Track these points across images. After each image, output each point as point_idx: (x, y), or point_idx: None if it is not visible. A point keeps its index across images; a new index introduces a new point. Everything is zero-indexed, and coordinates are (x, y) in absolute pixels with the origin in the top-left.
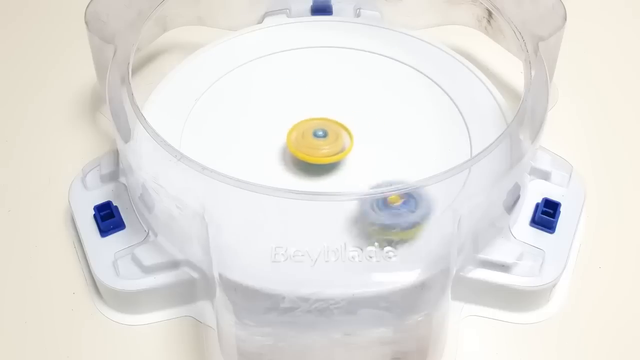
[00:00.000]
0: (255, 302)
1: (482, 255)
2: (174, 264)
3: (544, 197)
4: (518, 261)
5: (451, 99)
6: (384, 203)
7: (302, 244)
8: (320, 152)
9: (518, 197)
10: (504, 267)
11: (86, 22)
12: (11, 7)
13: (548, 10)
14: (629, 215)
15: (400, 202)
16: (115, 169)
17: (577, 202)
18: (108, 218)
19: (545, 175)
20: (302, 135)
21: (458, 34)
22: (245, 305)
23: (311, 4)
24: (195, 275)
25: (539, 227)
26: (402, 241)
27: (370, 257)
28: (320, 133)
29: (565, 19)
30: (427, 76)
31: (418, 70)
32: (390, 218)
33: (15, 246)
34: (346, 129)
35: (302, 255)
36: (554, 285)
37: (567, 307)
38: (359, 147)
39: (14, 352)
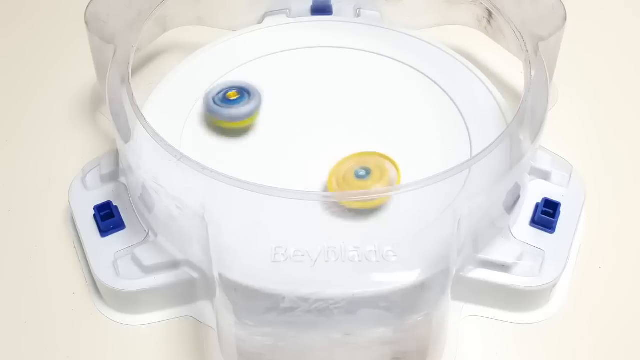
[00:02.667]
0: (255, 302)
1: (482, 255)
2: (174, 264)
3: (544, 197)
4: (518, 261)
5: (451, 99)
6: (224, 97)
7: (302, 244)
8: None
9: (518, 197)
10: (504, 267)
11: (86, 22)
12: (11, 7)
13: (548, 10)
14: (629, 215)
15: (237, 96)
16: (115, 169)
17: (577, 202)
18: (108, 218)
19: (545, 175)
20: (344, 179)
21: (458, 34)
22: (245, 305)
23: (311, 4)
24: (195, 275)
25: (539, 227)
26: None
27: (370, 257)
28: (362, 173)
29: (565, 19)
30: (427, 76)
31: (418, 70)
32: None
33: (15, 246)
34: (389, 159)
35: (302, 255)
36: (554, 285)
37: (567, 307)
38: (359, 148)
39: (14, 352)
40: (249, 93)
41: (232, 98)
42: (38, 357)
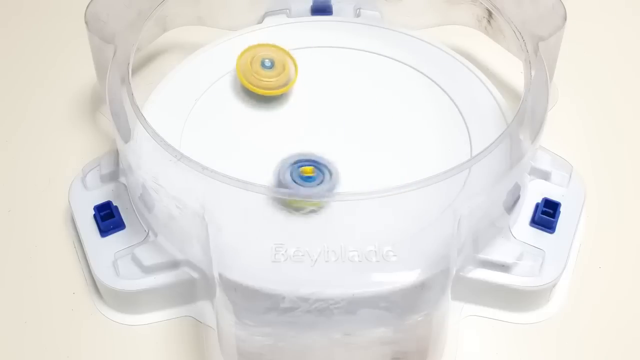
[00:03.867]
0: (255, 302)
1: (482, 255)
2: (174, 264)
3: (544, 197)
4: (518, 261)
5: (451, 99)
6: (299, 173)
7: (302, 244)
8: (265, 84)
9: (518, 197)
10: (504, 267)
11: (86, 22)
12: (11, 6)
13: (548, 10)
14: (629, 215)
15: (313, 173)
16: (115, 169)
17: (577, 202)
18: (108, 218)
19: (545, 175)
20: (251, 63)
21: (458, 34)
22: (245, 305)
23: (311, 4)
24: (195, 275)
25: (539, 227)
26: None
27: (370, 257)
28: (268, 64)
29: (565, 19)
30: (427, 76)
31: (418, 70)
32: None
33: (15, 246)
34: (292, 58)
35: (302, 255)
36: (554, 285)
37: (567, 307)
38: (359, 148)
39: (14, 352)
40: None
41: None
42: (38, 357)
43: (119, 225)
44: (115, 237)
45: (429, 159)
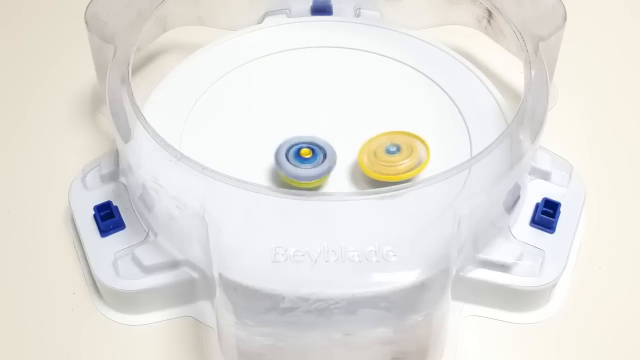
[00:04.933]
0: (255, 302)
1: (482, 255)
2: (174, 264)
3: (544, 197)
4: (518, 261)
5: (451, 99)
6: (296, 154)
7: (302, 244)
8: (398, 169)
9: (518, 197)
10: (504, 267)
11: (86, 22)
12: (11, 6)
13: (548, 10)
14: (629, 215)
15: (310, 154)
16: (115, 169)
17: (577, 202)
18: (108, 218)
19: (545, 175)
20: (375, 155)
21: (458, 34)
22: (245, 305)
23: (311, 4)
24: (195, 275)
25: (539, 227)
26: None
27: (370, 257)
28: (393, 149)
29: (565, 19)
30: (427, 76)
31: (418, 70)
32: (301, 171)
33: (15, 246)
34: (419, 139)
35: (302, 255)
36: (554, 285)
37: (567, 307)
38: (359, 148)
39: (14, 352)
40: (323, 152)
41: (306, 156)
42: (38, 357)
43: (119, 225)
44: (115, 237)
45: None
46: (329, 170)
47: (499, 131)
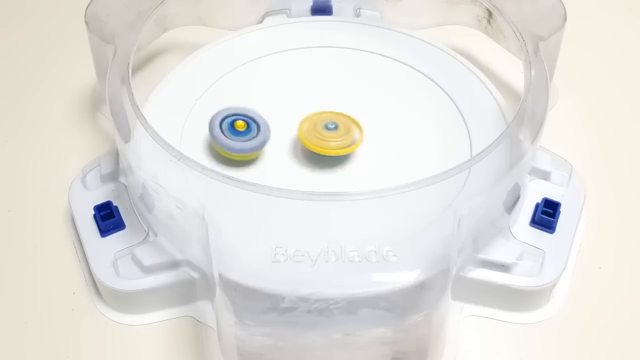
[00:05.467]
0: (255, 302)
1: (482, 255)
2: (174, 264)
3: (544, 197)
4: (518, 261)
5: (451, 99)
6: (231, 127)
7: (302, 244)
8: (330, 145)
9: (518, 197)
10: (504, 267)
11: (86, 22)
12: (11, 6)
13: (548, 10)
14: (629, 215)
15: (245, 127)
16: (115, 169)
17: (577, 202)
18: (108, 218)
19: (545, 175)
20: (314, 127)
21: (458, 34)
22: (245, 305)
23: (311, 4)
24: (195, 275)
25: (539, 227)
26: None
27: (370, 257)
28: (332, 126)
29: (565, 19)
30: (427, 76)
31: (418, 70)
32: (235, 143)
33: (15, 246)
34: (357, 123)
35: (302, 255)
36: (554, 285)
37: (567, 307)
38: (359, 147)
39: (14, 352)
40: (257, 125)
41: (240, 129)
42: (38, 357)
43: (119, 225)
44: (115, 237)
45: (429, 159)
46: (263, 144)
47: (499, 131)
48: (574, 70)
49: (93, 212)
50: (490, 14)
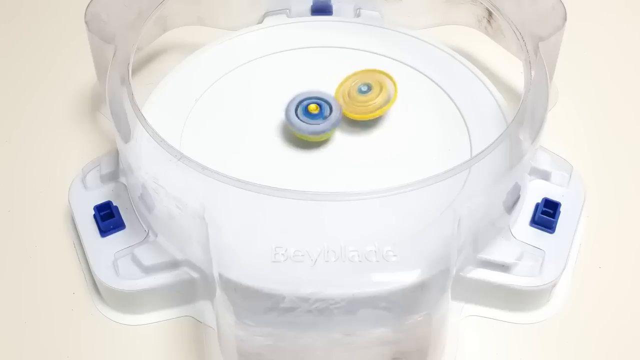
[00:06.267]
0: (255, 302)
1: (482, 255)
2: (174, 264)
3: (544, 197)
4: (518, 261)
5: (451, 99)
6: (305, 110)
7: (302, 244)
8: (371, 107)
9: (518, 197)
10: (504, 267)
11: (86, 22)
12: (11, 6)
13: (548, 10)
14: (629, 215)
15: (318, 110)
16: (115, 169)
17: (577, 202)
18: (108, 218)
19: (545, 175)
20: (349, 95)
21: (458, 34)
22: (245, 305)
23: (311, 4)
24: (195, 275)
25: (539, 227)
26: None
27: (370, 257)
28: (365, 88)
29: (565, 19)
30: (427, 76)
31: (418, 70)
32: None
33: (15, 246)
34: (387, 75)
35: (302, 255)
36: (554, 285)
37: (567, 307)
38: (359, 147)
39: (13, 352)
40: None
41: (313, 112)
42: (38, 357)
43: (119, 225)
44: (115, 237)
45: (429, 159)
46: (336, 123)
47: (499, 131)
48: (574, 70)
49: (93, 212)
50: (490, 14)
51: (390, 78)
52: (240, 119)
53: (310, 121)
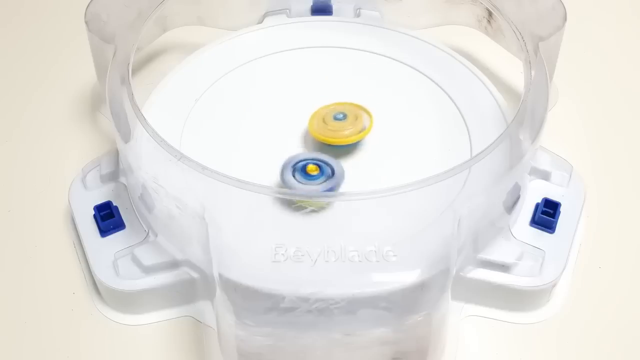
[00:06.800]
0: (255, 302)
1: (482, 255)
2: (174, 264)
3: (544, 197)
4: (518, 261)
5: (451, 99)
6: (303, 170)
7: (302, 244)
8: (343, 134)
9: (518, 197)
10: (504, 267)
11: (86, 22)
12: (11, 6)
13: (548, 10)
14: (629, 215)
15: (317, 171)
16: (115, 169)
17: (577, 202)
18: (108, 218)
19: (545, 175)
20: (323, 120)
21: (458, 34)
22: (245, 305)
23: (311, 4)
24: (195, 275)
25: (539, 227)
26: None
27: (370, 257)
28: (340, 116)
29: (565, 19)
30: (427, 76)
31: (418, 70)
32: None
33: (15, 246)
34: (365, 110)
35: (302, 255)
36: (554, 285)
37: (567, 307)
38: (359, 147)
39: (13, 352)
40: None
41: (312, 173)
42: (38, 357)
43: (119, 225)
44: (115, 237)
45: (429, 159)
46: (338, 185)
47: (499, 131)
48: (574, 70)
49: (93, 212)
50: (490, 14)
51: (366, 111)
52: (240, 119)
53: (308, 182)
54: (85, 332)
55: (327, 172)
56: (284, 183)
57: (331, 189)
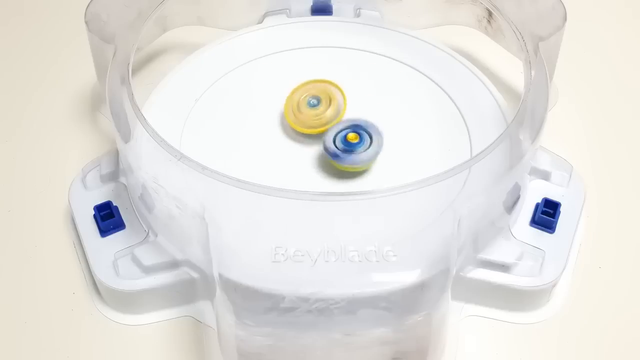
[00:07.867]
0: (255, 302)
1: (482, 255)
2: (174, 264)
3: (544, 197)
4: (518, 261)
5: (451, 99)
6: (344, 139)
7: (302, 244)
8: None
9: (518, 197)
10: (504, 267)
11: (86, 22)
12: (11, 6)
13: (548, 10)
14: (629, 215)
15: (357, 139)
16: (115, 169)
17: (577, 202)
18: (108, 218)
19: (545, 175)
20: (298, 109)
21: (458, 34)
22: (245, 305)
23: (311, 4)
24: (195, 275)
25: (539, 227)
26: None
27: (370, 257)
28: (314, 101)
29: (565, 19)
30: (427, 76)
31: (418, 70)
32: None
33: (15, 246)
34: (336, 86)
35: (302, 255)
36: (554, 285)
37: (567, 307)
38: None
39: (13, 352)
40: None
41: (353, 141)
42: (38, 357)
43: (119, 225)
44: (115, 237)
45: (429, 159)
46: (375, 155)
47: (499, 131)
48: (574, 70)
49: (93, 212)
50: (490, 14)
51: (338, 88)
52: (240, 119)
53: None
54: (85, 332)
55: (365, 141)
56: (325, 151)
57: (371, 158)
